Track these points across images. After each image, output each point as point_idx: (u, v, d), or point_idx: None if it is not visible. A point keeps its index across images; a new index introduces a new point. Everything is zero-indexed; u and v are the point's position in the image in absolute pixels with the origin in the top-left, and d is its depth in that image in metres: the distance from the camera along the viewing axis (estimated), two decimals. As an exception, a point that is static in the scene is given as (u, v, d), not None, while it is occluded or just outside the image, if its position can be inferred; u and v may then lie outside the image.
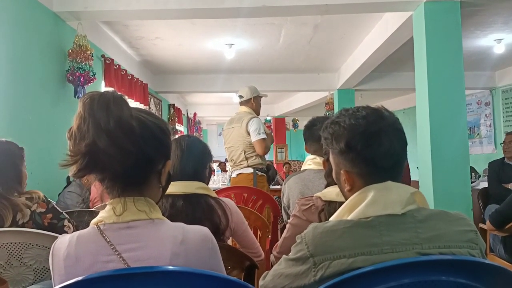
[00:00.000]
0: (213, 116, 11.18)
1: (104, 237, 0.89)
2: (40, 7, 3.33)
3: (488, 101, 7.56)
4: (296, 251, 0.96)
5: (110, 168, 0.89)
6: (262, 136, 3.46)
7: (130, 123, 0.89)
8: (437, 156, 3.25)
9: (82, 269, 0.87)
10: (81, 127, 0.86)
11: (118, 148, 0.86)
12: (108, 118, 0.86)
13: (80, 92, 3.61)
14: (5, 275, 1.49)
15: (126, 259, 0.87)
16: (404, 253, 0.88)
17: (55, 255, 0.91)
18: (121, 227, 0.90)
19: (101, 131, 0.85)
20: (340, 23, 4.60)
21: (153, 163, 0.96)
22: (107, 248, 0.88)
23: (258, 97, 3.76)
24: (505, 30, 4.84)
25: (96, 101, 0.87)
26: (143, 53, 5.69)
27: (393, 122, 1.00)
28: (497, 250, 2.75)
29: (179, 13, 3.71)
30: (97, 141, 0.85)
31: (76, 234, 0.91)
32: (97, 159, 0.86)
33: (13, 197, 1.66)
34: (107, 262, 0.87)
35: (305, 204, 1.50)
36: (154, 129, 0.95)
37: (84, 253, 0.88)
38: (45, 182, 3.24)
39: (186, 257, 0.90)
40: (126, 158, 0.88)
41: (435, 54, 3.37)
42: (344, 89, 7.00)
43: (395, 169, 0.99)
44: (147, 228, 0.91)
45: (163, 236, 0.91)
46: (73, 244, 0.89)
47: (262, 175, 3.57)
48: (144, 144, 0.91)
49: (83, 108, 0.87)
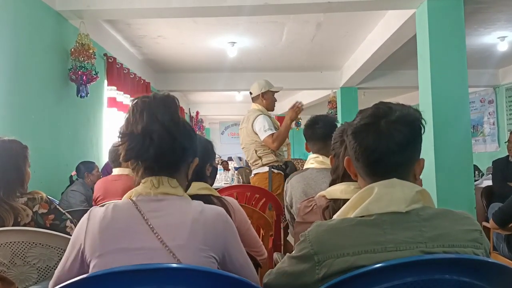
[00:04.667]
0: (216, 114, 11.17)
1: (137, 207, 1.03)
2: (42, 6, 3.34)
3: (491, 99, 7.53)
4: (299, 249, 0.96)
5: (156, 148, 1.04)
6: (268, 133, 3.27)
7: (178, 119, 1.09)
8: (440, 154, 3.24)
9: (116, 230, 1.00)
10: (136, 114, 1.05)
11: (168, 132, 1.05)
12: (164, 111, 1.06)
13: (82, 91, 3.61)
14: (8, 274, 1.49)
15: (153, 224, 1.00)
16: (408, 252, 0.88)
17: (91, 217, 1.03)
18: (152, 199, 1.05)
19: (156, 120, 1.04)
20: (343, 21, 4.58)
21: (186, 153, 1.12)
22: (138, 216, 1.01)
23: (269, 92, 3.50)
24: (509, 27, 4.81)
25: (153, 98, 1.08)
26: (145, 51, 5.69)
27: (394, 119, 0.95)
28: (501, 249, 2.74)
29: (182, 12, 3.71)
30: (150, 126, 1.03)
31: (112, 204, 1.06)
32: (146, 140, 1.03)
33: (14, 201, 1.65)
34: (137, 225, 1.00)
35: (307, 206, 1.49)
36: (190, 129, 1.14)
37: (118, 217, 1.02)
38: (48, 181, 3.25)
39: (204, 224, 1.03)
40: (171, 141, 1.05)
41: (438, 52, 3.36)
42: (347, 87, 6.98)
43: (400, 166, 0.97)
44: (174, 201, 1.07)
45: (186, 207, 1.06)
46: (110, 210, 1.03)
47: (279, 173, 3.31)
48: (183, 137, 1.09)
49: (142, 105, 1.06)
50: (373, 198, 0.94)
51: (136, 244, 0.98)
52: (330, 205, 1.38)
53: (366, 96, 7.96)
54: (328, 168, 1.73)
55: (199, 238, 1.00)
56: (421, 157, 1.01)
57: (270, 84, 3.54)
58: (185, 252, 0.98)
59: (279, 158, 3.36)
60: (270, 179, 3.28)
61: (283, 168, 3.36)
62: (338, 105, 7.30)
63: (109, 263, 0.96)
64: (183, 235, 1.00)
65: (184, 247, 0.99)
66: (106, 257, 0.98)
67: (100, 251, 0.98)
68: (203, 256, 1.00)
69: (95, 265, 0.98)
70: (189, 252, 0.98)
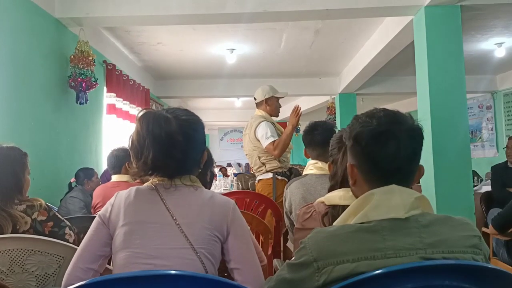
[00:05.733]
0: (215, 121, 11.17)
1: (157, 190, 1.19)
2: (42, 13, 3.35)
3: (489, 104, 7.56)
4: (299, 256, 0.95)
5: (167, 171, 1.20)
6: (270, 140, 3.23)
7: (177, 137, 1.17)
8: (439, 160, 3.24)
9: (137, 206, 1.16)
10: (141, 142, 1.16)
11: (171, 158, 1.17)
12: (161, 132, 1.16)
13: (82, 98, 3.62)
14: (7, 282, 1.48)
15: (168, 205, 1.16)
16: (407, 258, 0.88)
17: (118, 197, 1.20)
18: (171, 186, 1.20)
19: (157, 144, 1.15)
20: (341, 28, 4.61)
21: (195, 159, 1.26)
22: (156, 197, 1.18)
23: (273, 98, 3.45)
24: (506, 34, 4.84)
25: (152, 119, 1.17)
26: (144, 58, 5.71)
27: (409, 128, 0.98)
28: (500, 254, 2.73)
29: (181, 19, 3.73)
30: (157, 155, 1.15)
31: (136, 187, 1.21)
32: (158, 165, 1.18)
33: (13, 208, 1.65)
34: (155, 204, 1.16)
35: (306, 212, 1.49)
36: (193, 134, 1.23)
37: (140, 197, 1.19)
38: (47, 188, 3.24)
39: (212, 208, 1.18)
40: (177, 163, 1.19)
41: (436, 58, 3.38)
42: (345, 93, 7.00)
43: (401, 173, 0.98)
44: (188, 189, 1.21)
45: (198, 194, 1.21)
46: (133, 191, 1.20)
47: (283, 180, 3.25)
48: (189, 150, 1.21)
49: (141, 126, 1.17)
50: (372, 205, 0.95)
51: (152, 218, 1.14)
52: (329, 211, 1.38)
53: (364, 102, 7.98)
54: (327, 174, 1.73)
55: (206, 218, 1.15)
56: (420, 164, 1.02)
57: (275, 89, 3.49)
58: (192, 229, 1.13)
59: (283, 164, 3.32)
60: (274, 186, 3.25)
61: (287, 175, 3.31)
62: (336, 111, 7.32)
63: (128, 231, 1.13)
64: (192, 214, 1.15)
65: (192, 224, 1.14)
66: (126, 226, 1.14)
67: (123, 222, 1.14)
68: (207, 233, 1.14)
69: (118, 233, 1.14)
70: (195, 229, 1.13)
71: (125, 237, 1.13)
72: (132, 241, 1.12)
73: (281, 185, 3.20)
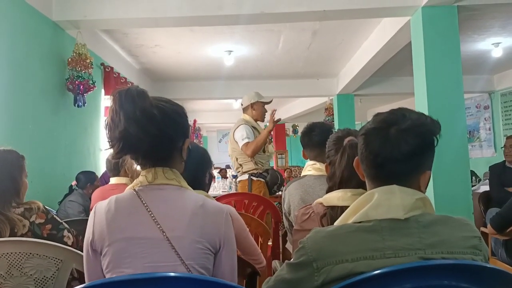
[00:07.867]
0: (213, 122, 11.17)
1: (139, 197, 1.09)
2: (39, 16, 3.35)
3: (487, 104, 7.57)
4: (298, 256, 0.95)
5: (140, 148, 1.09)
6: (245, 141, 3.45)
7: (152, 111, 1.08)
8: (437, 160, 3.18)
9: (121, 220, 1.07)
10: (114, 118, 1.06)
11: (145, 132, 1.06)
12: (134, 109, 1.05)
13: (79, 101, 3.61)
14: (5, 286, 1.48)
15: (155, 214, 1.06)
16: (406, 258, 0.88)
17: (97, 212, 1.10)
18: (153, 188, 1.11)
19: (131, 119, 1.05)
20: (339, 29, 4.62)
21: (174, 141, 1.16)
22: (140, 206, 1.08)
23: (259, 103, 3.66)
24: (503, 34, 4.86)
25: (124, 95, 1.07)
26: (142, 60, 5.71)
27: (408, 127, 0.95)
28: (499, 254, 2.74)
29: (178, 21, 3.73)
30: (128, 128, 1.04)
31: (115, 196, 1.11)
32: (130, 142, 1.06)
33: (10, 211, 1.64)
34: (140, 215, 1.07)
35: (304, 214, 1.49)
36: (172, 113, 1.14)
37: (122, 208, 1.09)
38: (45, 191, 3.23)
39: (203, 218, 1.09)
40: (152, 139, 1.08)
41: (433, 58, 3.38)
42: (343, 94, 7.01)
43: (402, 175, 0.97)
44: (175, 191, 1.12)
45: (186, 199, 1.12)
46: (113, 202, 1.10)
47: (259, 180, 3.48)
48: (165, 127, 1.11)
49: (113, 102, 1.07)
50: (372, 204, 0.94)
51: (139, 233, 1.06)
52: (328, 212, 1.38)
53: (362, 102, 7.99)
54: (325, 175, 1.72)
55: (197, 231, 1.07)
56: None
57: (260, 95, 3.70)
58: (182, 243, 1.05)
59: (258, 166, 3.52)
60: (249, 186, 3.45)
61: (264, 176, 3.52)
62: (334, 112, 7.32)
63: (116, 251, 1.05)
64: (182, 227, 1.06)
65: (182, 238, 1.06)
66: (114, 245, 1.06)
67: (109, 241, 1.06)
68: (198, 247, 1.07)
69: (106, 253, 1.06)
70: (186, 243, 1.05)
71: (114, 256, 1.05)
72: (122, 260, 1.05)
73: (256, 186, 3.47)
